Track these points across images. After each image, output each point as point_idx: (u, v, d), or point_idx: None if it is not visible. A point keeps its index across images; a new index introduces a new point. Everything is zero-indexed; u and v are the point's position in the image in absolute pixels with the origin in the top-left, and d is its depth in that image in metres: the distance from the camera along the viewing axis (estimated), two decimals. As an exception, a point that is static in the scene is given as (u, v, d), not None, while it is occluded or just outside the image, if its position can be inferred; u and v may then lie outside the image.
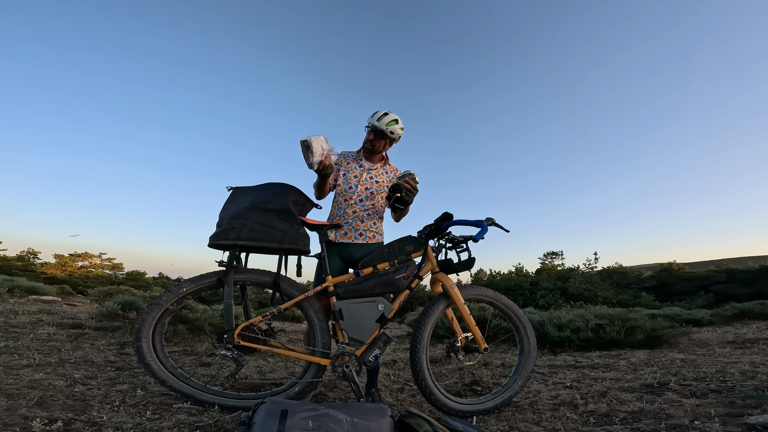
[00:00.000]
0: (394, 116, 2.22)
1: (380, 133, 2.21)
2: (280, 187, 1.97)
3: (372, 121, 2.21)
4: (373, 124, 2.21)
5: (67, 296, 8.48)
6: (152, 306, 1.79)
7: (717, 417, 1.57)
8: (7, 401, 1.57)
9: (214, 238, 1.85)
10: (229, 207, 1.97)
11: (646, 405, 1.81)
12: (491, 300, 2.08)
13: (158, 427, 1.48)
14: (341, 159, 2.31)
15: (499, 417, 1.84)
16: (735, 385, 2.03)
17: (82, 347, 2.85)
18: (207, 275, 1.86)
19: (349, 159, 2.32)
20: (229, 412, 1.71)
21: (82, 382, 1.97)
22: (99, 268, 19.54)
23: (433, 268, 2.02)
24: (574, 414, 1.78)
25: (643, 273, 14.18)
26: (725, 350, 3.27)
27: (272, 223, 1.86)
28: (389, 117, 2.21)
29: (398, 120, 2.23)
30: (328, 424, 1.33)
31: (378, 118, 2.20)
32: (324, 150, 1.90)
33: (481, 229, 2.01)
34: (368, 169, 2.28)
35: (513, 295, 11.11)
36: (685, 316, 5.63)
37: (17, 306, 5.02)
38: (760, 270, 10.51)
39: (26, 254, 19.12)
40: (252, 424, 1.29)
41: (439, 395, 1.82)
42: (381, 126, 2.18)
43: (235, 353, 1.76)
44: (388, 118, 2.20)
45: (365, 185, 2.23)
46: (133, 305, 3.99)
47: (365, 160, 2.32)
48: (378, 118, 2.19)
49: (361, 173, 2.26)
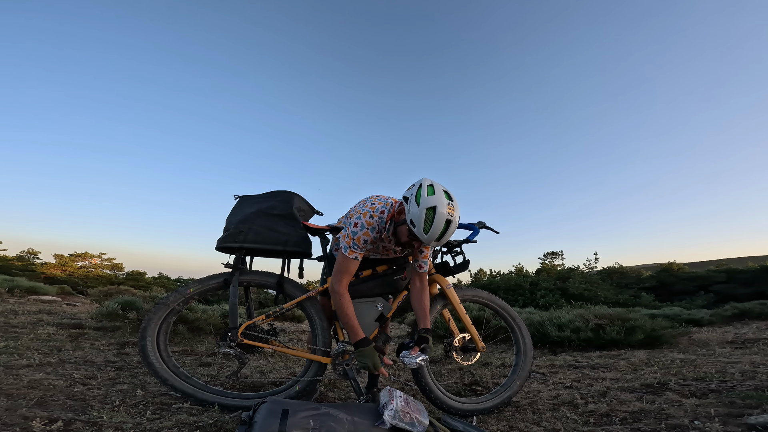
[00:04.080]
0: (457, 217, 1.58)
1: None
2: (285, 194, 2.06)
3: (423, 239, 1.57)
4: (426, 241, 1.58)
5: (67, 296, 8.47)
6: (159, 306, 1.82)
7: (717, 417, 1.57)
8: (7, 401, 1.57)
9: (221, 241, 1.91)
10: (236, 213, 2.04)
11: (646, 405, 1.81)
12: (486, 301, 2.10)
13: (158, 427, 1.48)
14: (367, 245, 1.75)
15: (499, 417, 1.84)
16: (735, 385, 2.03)
17: (82, 347, 2.85)
18: (213, 276, 1.91)
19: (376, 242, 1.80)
20: (230, 411, 1.71)
21: (82, 382, 1.97)
22: (99, 268, 19.54)
23: (430, 270, 2.05)
24: (574, 414, 1.78)
25: (643, 273, 14.18)
26: (725, 350, 3.27)
27: (277, 227, 1.92)
28: (453, 227, 1.57)
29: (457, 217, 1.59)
30: (329, 423, 1.33)
31: (438, 236, 1.55)
32: None
33: (473, 231, 2.09)
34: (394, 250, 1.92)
35: (513, 295, 11.12)
36: (685, 316, 5.62)
37: (17, 306, 5.01)
38: (760, 270, 10.51)
39: (26, 254, 19.12)
40: (253, 424, 1.29)
41: (439, 394, 1.83)
42: (441, 243, 1.64)
43: (237, 351, 1.80)
44: (452, 229, 1.57)
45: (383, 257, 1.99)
46: (133, 305, 3.98)
47: (394, 244, 1.83)
48: (438, 237, 1.55)
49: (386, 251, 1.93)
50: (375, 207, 1.76)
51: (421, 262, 1.87)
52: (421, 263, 1.86)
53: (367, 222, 1.71)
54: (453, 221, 1.56)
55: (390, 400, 1.48)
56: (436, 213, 1.53)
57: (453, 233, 1.60)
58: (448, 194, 1.61)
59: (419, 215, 1.54)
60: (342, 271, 1.73)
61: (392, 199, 1.83)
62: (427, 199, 1.55)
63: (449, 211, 1.54)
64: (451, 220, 1.55)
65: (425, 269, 1.88)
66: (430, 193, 1.57)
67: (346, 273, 1.73)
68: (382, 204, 1.78)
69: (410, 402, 1.53)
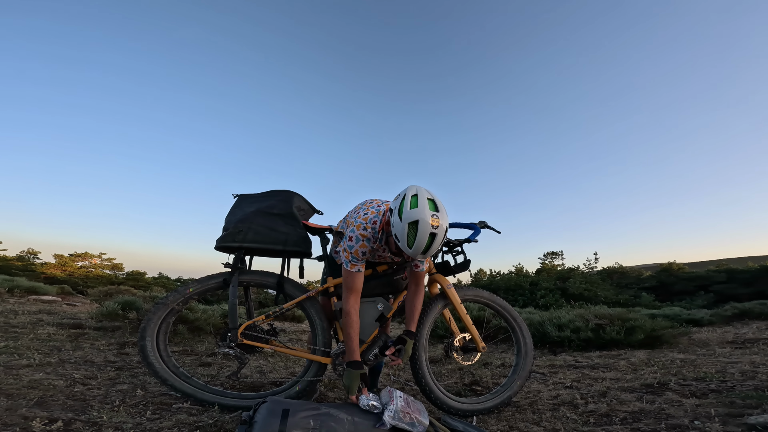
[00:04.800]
0: (443, 230, 1.52)
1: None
2: (285, 193, 2.05)
3: (408, 252, 1.53)
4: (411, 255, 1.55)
5: (67, 296, 8.47)
6: (158, 306, 1.82)
7: (717, 417, 1.57)
8: (7, 401, 1.57)
9: (220, 241, 1.91)
10: (235, 212, 2.03)
11: (646, 405, 1.81)
12: (486, 301, 2.10)
13: (158, 427, 1.48)
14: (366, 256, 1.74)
15: (499, 417, 1.84)
16: (735, 385, 2.03)
17: (82, 347, 2.85)
18: (213, 276, 1.91)
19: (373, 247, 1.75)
20: (230, 411, 1.71)
21: (82, 382, 1.97)
22: (99, 268, 19.54)
23: (431, 269, 2.05)
24: (574, 414, 1.78)
25: (643, 273, 14.19)
26: (725, 350, 3.27)
27: (277, 226, 1.91)
28: (438, 240, 1.51)
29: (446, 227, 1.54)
30: (329, 423, 1.33)
31: (423, 249, 1.50)
32: None
33: (474, 231, 2.09)
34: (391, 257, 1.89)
35: (513, 295, 11.12)
36: (685, 316, 5.62)
37: (17, 306, 5.01)
38: (760, 270, 10.52)
39: (26, 254, 19.11)
40: (253, 424, 1.29)
41: (439, 394, 1.83)
42: (429, 256, 1.58)
43: (237, 351, 1.79)
44: (437, 242, 1.51)
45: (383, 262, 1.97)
46: (133, 305, 3.98)
47: (388, 252, 1.81)
48: (423, 251, 1.51)
49: (381, 258, 1.91)
50: (368, 218, 1.74)
51: (417, 262, 1.85)
52: (418, 263, 1.86)
53: (361, 234, 1.70)
54: (438, 234, 1.50)
55: (390, 400, 1.49)
56: (419, 227, 1.47)
57: (440, 245, 1.54)
58: (434, 203, 1.55)
59: (402, 230, 1.51)
60: (350, 287, 1.73)
61: (385, 205, 1.82)
62: (410, 212, 1.50)
63: (433, 224, 1.48)
64: (436, 234, 1.49)
65: (422, 268, 1.87)
66: (413, 206, 1.52)
67: (354, 290, 1.73)
68: (374, 213, 1.76)
69: (410, 402, 1.53)
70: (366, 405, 1.49)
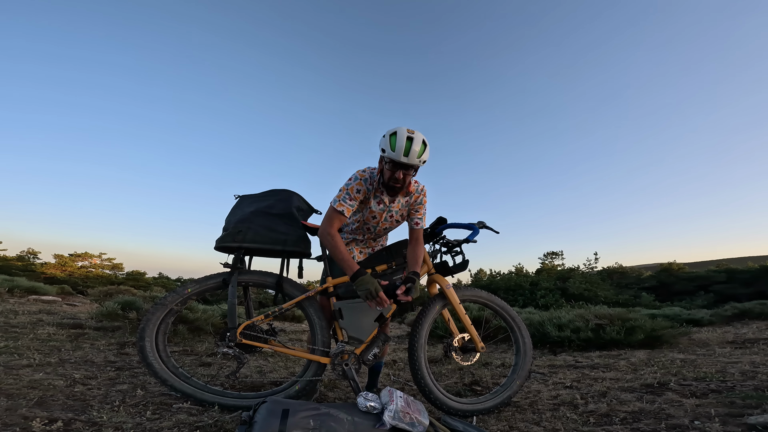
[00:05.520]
0: (420, 138, 1.76)
1: (408, 167, 1.79)
2: (285, 193, 2.06)
3: (393, 156, 1.73)
4: (397, 161, 1.75)
5: (67, 296, 8.48)
6: (157, 306, 1.81)
7: (717, 417, 1.57)
8: (7, 401, 1.57)
9: (220, 241, 1.91)
10: (235, 212, 2.03)
11: (646, 405, 1.81)
12: (485, 301, 2.10)
13: (158, 427, 1.48)
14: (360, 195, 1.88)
15: (499, 417, 1.84)
16: (735, 385, 2.03)
17: (82, 347, 2.85)
18: (212, 276, 1.90)
19: (368, 194, 1.91)
20: (230, 411, 1.71)
21: (82, 382, 1.96)
22: (99, 268, 19.56)
23: (429, 270, 2.05)
24: (574, 414, 1.78)
25: (643, 273, 14.20)
26: (725, 350, 3.27)
27: (276, 226, 1.91)
28: (416, 144, 1.74)
29: (425, 140, 1.79)
30: (329, 423, 1.33)
31: (404, 151, 1.72)
32: None
33: (473, 231, 2.09)
34: (389, 208, 1.97)
35: (513, 295, 11.13)
36: (685, 316, 5.62)
37: (17, 306, 5.01)
38: (760, 270, 10.53)
39: (26, 254, 19.12)
40: (253, 424, 1.29)
41: (439, 394, 1.83)
42: (411, 162, 1.75)
43: (236, 351, 1.79)
44: (416, 146, 1.74)
45: (385, 225, 2.04)
46: (133, 305, 3.98)
47: (386, 195, 1.92)
48: (405, 152, 1.72)
49: (381, 212, 1.97)
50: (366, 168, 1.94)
51: (417, 219, 2.01)
52: (417, 220, 2.01)
53: (359, 174, 1.89)
54: (415, 138, 1.74)
55: (390, 400, 1.48)
56: (397, 133, 1.75)
57: (421, 152, 1.77)
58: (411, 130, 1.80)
59: (385, 141, 1.77)
60: (331, 217, 1.86)
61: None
62: (390, 130, 1.80)
63: (409, 131, 1.76)
64: (413, 137, 1.74)
65: (421, 225, 2.01)
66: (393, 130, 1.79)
67: (336, 220, 1.85)
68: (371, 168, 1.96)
69: (410, 402, 1.53)
70: (365, 405, 1.50)
